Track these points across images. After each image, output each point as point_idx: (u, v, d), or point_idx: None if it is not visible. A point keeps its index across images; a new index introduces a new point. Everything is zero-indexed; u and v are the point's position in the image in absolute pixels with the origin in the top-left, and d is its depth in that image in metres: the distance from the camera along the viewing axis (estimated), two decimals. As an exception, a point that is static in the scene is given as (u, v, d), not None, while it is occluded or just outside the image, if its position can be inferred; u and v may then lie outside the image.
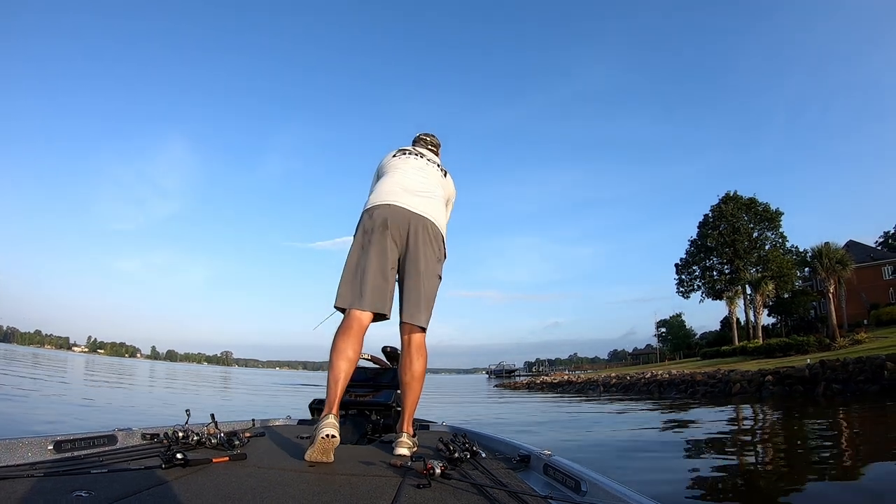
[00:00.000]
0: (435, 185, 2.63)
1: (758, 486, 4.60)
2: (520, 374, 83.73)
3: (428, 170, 2.67)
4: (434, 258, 2.44)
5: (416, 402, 2.42)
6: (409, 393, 2.39)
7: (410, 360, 2.38)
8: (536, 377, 54.56)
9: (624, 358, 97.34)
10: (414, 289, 2.37)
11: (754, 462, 6.04)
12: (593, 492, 1.59)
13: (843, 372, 17.00)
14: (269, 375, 79.20)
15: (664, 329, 75.17)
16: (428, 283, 2.40)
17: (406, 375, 2.39)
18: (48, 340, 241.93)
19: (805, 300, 46.08)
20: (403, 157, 2.70)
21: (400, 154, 2.73)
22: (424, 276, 2.38)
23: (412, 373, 2.38)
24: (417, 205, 2.44)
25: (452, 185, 2.83)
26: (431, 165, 2.72)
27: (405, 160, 2.67)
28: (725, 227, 46.10)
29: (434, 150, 2.97)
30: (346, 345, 2.25)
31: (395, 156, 2.71)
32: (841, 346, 27.20)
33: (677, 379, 24.30)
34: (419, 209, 2.43)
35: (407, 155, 2.72)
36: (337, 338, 2.27)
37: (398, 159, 2.69)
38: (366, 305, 2.31)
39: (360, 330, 2.30)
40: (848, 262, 35.19)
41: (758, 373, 20.41)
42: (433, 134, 3.06)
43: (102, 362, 66.55)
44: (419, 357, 2.39)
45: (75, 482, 1.55)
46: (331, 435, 2.00)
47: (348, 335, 2.26)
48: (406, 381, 2.39)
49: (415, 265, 2.37)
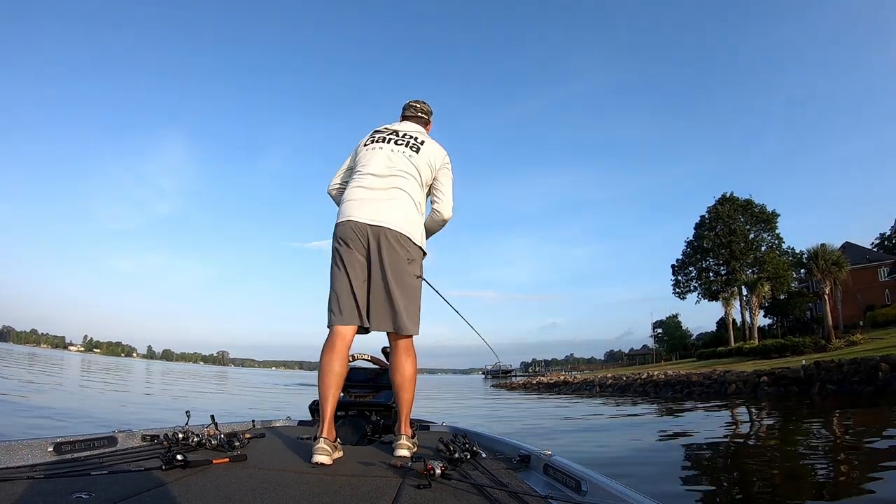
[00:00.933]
0: (402, 175, 2.52)
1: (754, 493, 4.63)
2: (516, 374, 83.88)
3: (395, 158, 2.55)
4: (402, 261, 2.41)
5: (410, 403, 2.46)
6: (402, 394, 2.43)
7: (399, 363, 2.42)
8: (533, 378, 54.56)
9: (620, 359, 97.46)
10: (387, 299, 2.38)
11: (751, 467, 6.07)
12: (594, 492, 1.60)
13: (838, 373, 17.10)
14: (267, 375, 79.09)
15: (660, 330, 75.37)
16: (401, 290, 2.39)
17: (397, 378, 2.43)
18: (44, 339, 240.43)
19: (801, 301, 46.23)
20: (372, 148, 2.61)
21: (371, 142, 2.64)
22: (395, 284, 2.38)
23: (403, 375, 2.42)
24: (375, 214, 2.40)
25: (434, 154, 2.63)
26: (399, 150, 2.57)
27: (373, 152, 2.58)
28: (722, 229, 46.31)
29: (424, 119, 2.86)
30: (331, 359, 2.32)
31: (366, 144, 2.65)
32: (836, 347, 27.32)
33: (673, 380, 24.35)
34: (377, 219, 2.39)
35: (375, 143, 2.62)
36: (322, 355, 2.34)
37: (367, 150, 2.61)
38: (344, 321, 2.36)
39: (343, 345, 2.36)
40: (844, 263, 35.32)
41: (753, 373, 20.52)
42: (424, 101, 2.92)
43: (98, 362, 66.31)
44: (407, 359, 2.43)
45: (75, 484, 1.56)
46: (321, 464, 2.05)
47: (332, 350, 2.33)
48: (398, 384, 2.43)
49: (382, 275, 2.38)
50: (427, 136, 2.72)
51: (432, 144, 2.67)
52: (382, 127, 2.71)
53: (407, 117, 2.84)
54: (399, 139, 2.62)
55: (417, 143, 2.62)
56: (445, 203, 2.69)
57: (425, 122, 2.87)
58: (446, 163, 2.69)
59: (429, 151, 2.62)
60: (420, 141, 2.64)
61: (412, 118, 2.83)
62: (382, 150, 2.58)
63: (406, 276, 2.42)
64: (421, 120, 2.85)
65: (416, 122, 2.82)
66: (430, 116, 2.91)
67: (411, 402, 2.47)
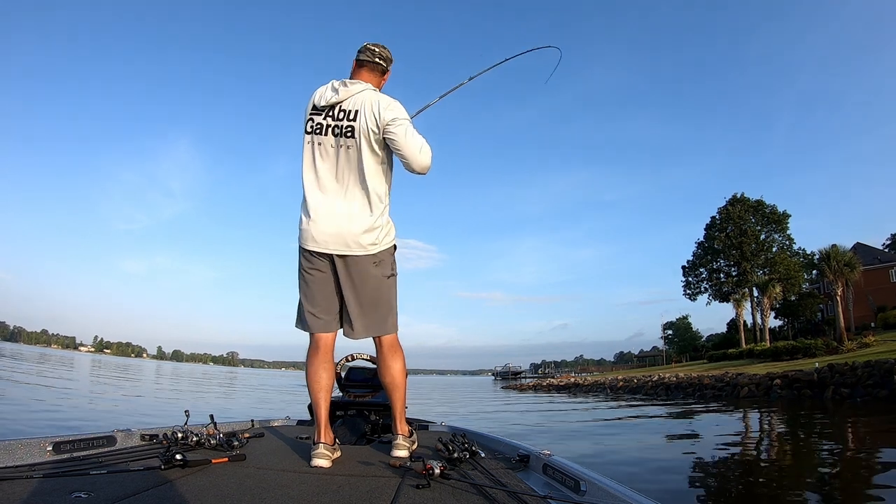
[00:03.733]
0: (354, 179, 2.29)
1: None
2: (526, 375, 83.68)
3: (338, 161, 2.29)
4: (369, 267, 2.28)
5: (403, 402, 2.42)
6: (393, 394, 2.39)
7: (386, 363, 2.37)
8: (543, 379, 54.56)
9: (630, 360, 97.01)
10: (357, 306, 2.30)
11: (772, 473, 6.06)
12: (592, 491, 1.61)
13: (852, 376, 16.90)
14: (277, 376, 79.20)
15: (671, 331, 74.98)
16: (371, 295, 2.30)
17: (386, 378, 2.38)
18: (55, 340, 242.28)
19: (812, 303, 45.84)
20: (310, 142, 2.33)
21: (311, 132, 2.33)
22: (363, 292, 2.29)
23: (392, 374, 2.37)
24: (333, 236, 2.24)
25: (370, 119, 2.26)
26: (340, 147, 2.28)
27: (316, 149, 2.31)
28: (732, 230, 45.93)
29: (382, 66, 2.47)
30: (317, 366, 2.31)
31: (307, 131, 2.34)
32: (848, 349, 27.02)
33: (685, 382, 24.23)
34: (333, 247, 2.24)
35: (314, 136, 2.32)
36: (308, 362, 2.33)
37: (308, 147, 2.34)
38: (320, 329, 2.33)
39: (326, 350, 2.34)
40: (856, 264, 34.98)
41: (766, 376, 20.35)
42: (384, 45, 2.51)
43: (109, 362, 66.97)
44: (394, 357, 2.37)
45: (74, 483, 1.58)
46: (321, 467, 2.08)
47: (317, 357, 2.32)
48: (387, 384, 2.39)
49: (351, 285, 2.29)
50: (369, 94, 2.32)
51: (370, 105, 2.28)
52: (322, 102, 2.32)
53: (362, 63, 2.44)
54: (335, 122, 2.29)
55: (351, 123, 2.27)
56: (412, 159, 2.30)
57: (382, 70, 2.49)
58: (391, 118, 2.27)
59: (366, 120, 2.26)
60: (354, 114, 2.28)
61: (367, 64, 2.44)
62: (321, 150, 2.30)
63: (375, 280, 2.31)
64: (377, 68, 2.46)
65: (369, 71, 2.44)
66: (388, 64, 2.51)
67: (404, 401, 2.43)
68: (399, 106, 2.34)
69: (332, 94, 2.31)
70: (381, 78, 2.51)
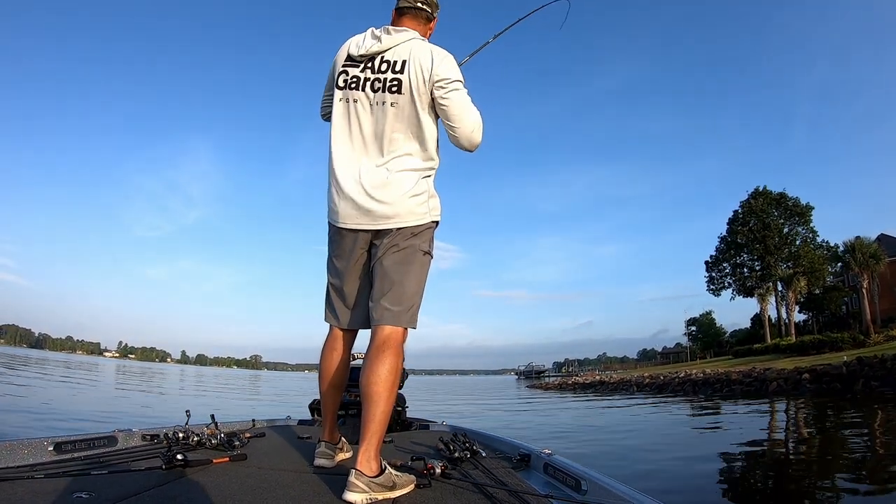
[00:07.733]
0: (397, 140, 1.91)
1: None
2: (549, 374, 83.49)
3: (375, 119, 1.91)
4: (405, 240, 1.90)
5: (381, 419, 1.71)
6: (369, 405, 1.71)
7: (370, 362, 1.77)
8: (568, 378, 54.54)
9: (653, 357, 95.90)
10: (382, 284, 1.89)
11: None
12: (594, 491, 1.62)
13: (882, 369, 17.08)
14: (301, 380, 79.50)
15: (694, 327, 74.39)
16: (398, 271, 1.88)
17: (364, 380, 1.74)
18: (80, 346, 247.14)
19: (837, 296, 45.27)
20: (344, 99, 1.96)
21: (344, 87, 1.96)
22: (391, 269, 1.88)
23: (374, 380, 1.72)
24: (366, 215, 1.88)
25: (420, 72, 1.87)
26: (378, 103, 1.90)
27: (351, 108, 1.94)
28: (755, 223, 45.54)
29: (426, 13, 2.08)
30: (331, 365, 2.06)
31: (339, 86, 1.97)
32: (876, 342, 27.02)
33: (712, 378, 24.46)
34: (370, 223, 1.89)
35: (349, 91, 1.95)
36: (322, 357, 2.09)
37: (340, 105, 1.97)
38: (342, 324, 2.06)
39: (343, 346, 2.09)
40: (881, 256, 34.76)
41: (794, 371, 20.61)
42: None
43: (133, 367, 67.89)
44: (384, 357, 1.77)
45: (75, 483, 1.58)
46: (322, 467, 2.05)
47: (332, 353, 2.07)
48: (364, 388, 1.73)
49: (380, 264, 1.90)
50: (418, 43, 1.95)
51: (420, 56, 1.90)
52: (361, 51, 1.93)
53: (402, 10, 2.07)
54: (376, 76, 1.92)
55: (397, 76, 1.89)
56: (462, 135, 1.95)
57: (427, 16, 2.09)
58: (445, 75, 1.89)
59: (415, 72, 1.88)
60: (401, 65, 1.90)
61: (409, 12, 2.06)
62: (357, 108, 1.93)
63: (407, 258, 1.91)
64: (421, 14, 2.07)
65: (412, 19, 2.06)
66: (434, 10, 2.12)
67: (384, 419, 1.72)
68: (454, 63, 1.96)
69: (372, 42, 1.92)
70: (427, 26, 2.11)
